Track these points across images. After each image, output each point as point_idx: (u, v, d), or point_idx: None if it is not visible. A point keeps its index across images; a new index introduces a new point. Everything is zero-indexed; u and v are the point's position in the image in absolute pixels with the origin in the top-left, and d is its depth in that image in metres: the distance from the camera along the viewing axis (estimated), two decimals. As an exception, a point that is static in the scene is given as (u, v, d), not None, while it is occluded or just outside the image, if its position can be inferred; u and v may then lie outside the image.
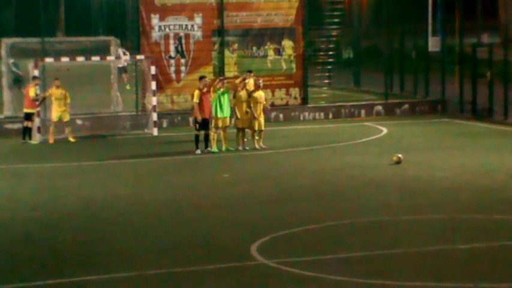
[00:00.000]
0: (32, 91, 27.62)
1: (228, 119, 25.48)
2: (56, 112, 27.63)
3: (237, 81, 26.74)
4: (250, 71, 27.40)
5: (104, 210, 18.66)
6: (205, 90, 25.16)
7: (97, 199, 19.78)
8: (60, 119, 27.68)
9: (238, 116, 25.44)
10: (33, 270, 14.41)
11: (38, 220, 17.90)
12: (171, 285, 13.57)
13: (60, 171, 23.69)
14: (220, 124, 25.28)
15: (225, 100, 25.30)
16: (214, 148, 25.35)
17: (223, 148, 25.52)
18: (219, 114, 25.18)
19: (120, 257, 15.01)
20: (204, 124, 25.01)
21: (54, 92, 27.67)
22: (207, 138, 25.13)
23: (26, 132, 27.75)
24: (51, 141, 27.65)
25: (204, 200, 19.59)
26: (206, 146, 25.12)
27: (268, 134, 26.65)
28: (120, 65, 32.75)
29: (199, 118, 24.87)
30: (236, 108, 25.40)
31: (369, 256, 14.75)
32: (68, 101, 27.77)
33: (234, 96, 25.59)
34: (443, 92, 33.89)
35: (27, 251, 15.60)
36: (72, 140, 27.75)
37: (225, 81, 26.16)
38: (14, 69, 32.29)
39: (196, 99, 25.05)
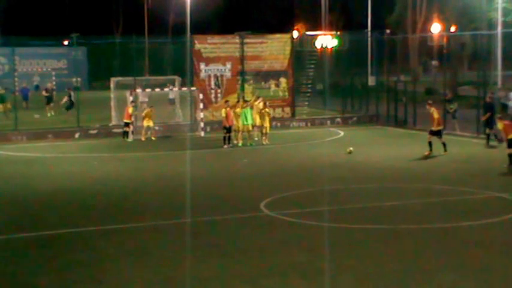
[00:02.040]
0: (130, 109, 27.61)
1: (250, 125, 25.42)
2: (147, 122, 27.69)
3: (252, 101, 26.78)
4: (259, 97, 27.45)
5: (171, 181, 18.65)
6: (228, 109, 25.22)
7: (167, 174, 19.80)
8: (148, 126, 27.73)
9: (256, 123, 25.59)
10: (129, 217, 14.41)
11: (130, 186, 17.98)
12: (211, 227, 13.51)
13: (145, 157, 23.72)
14: (246, 129, 25.33)
15: (249, 114, 25.38)
16: (240, 143, 25.36)
17: (248, 143, 25.40)
18: (245, 123, 25.28)
19: (178, 209, 14.85)
20: (228, 129, 25.06)
21: (148, 112, 27.75)
22: (229, 138, 25.05)
23: (125, 134, 27.78)
24: (143, 139, 27.65)
25: (231, 174, 19.53)
26: (229, 143, 25.02)
27: (271, 135, 26.67)
28: (171, 97, 32.94)
29: (226, 125, 24.98)
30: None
31: (332, 210, 14.61)
32: (153, 116, 27.88)
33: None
34: (377, 109, 33.74)
35: (122, 205, 15.63)
36: (153, 138, 27.70)
37: (248, 103, 26.24)
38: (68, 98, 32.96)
39: (223, 114, 25.20)
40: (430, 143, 21.90)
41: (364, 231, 13.04)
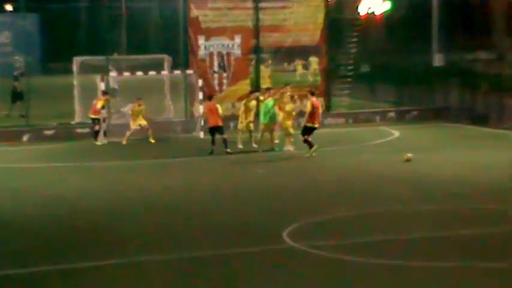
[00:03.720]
0: (100, 103, 27.75)
1: (272, 123, 25.43)
2: (138, 121, 27.77)
3: (281, 91, 26.65)
4: (287, 84, 27.36)
5: (158, 200, 18.71)
6: (209, 104, 25.54)
7: (153, 191, 19.84)
8: (140, 125, 27.88)
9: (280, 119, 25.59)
10: (100, 252, 14.46)
11: (102, 209, 18.00)
12: (215, 264, 13.55)
13: (123, 168, 23.77)
14: (267, 129, 25.38)
15: (271, 108, 25.30)
16: (259, 148, 25.43)
17: (271, 148, 25.46)
18: (265, 120, 25.22)
19: (170, 241, 15.00)
20: (215, 129, 24.98)
21: (136, 108, 27.84)
22: (225, 141, 24.91)
23: (95, 134, 27.85)
24: (124, 142, 27.71)
25: (241, 192, 19.58)
26: (226, 147, 24.92)
27: (298, 137, 26.61)
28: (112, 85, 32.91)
29: (217, 124, 24.95)
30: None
31: (383, 241, 14.65)
32: (144, 112, 28.07)
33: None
34: (446, 100, 33.62)
35: (90, 235, 15.68)
36: (153, 141, 27.85)
37: (271, 92, 26.13)
38: None
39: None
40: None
41: (429, 270, 12.93)
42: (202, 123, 29.24)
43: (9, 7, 63.78)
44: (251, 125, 26.09)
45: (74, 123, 30.51)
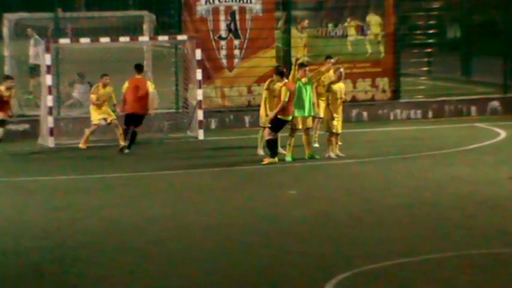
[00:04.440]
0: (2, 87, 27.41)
1: (310, 119, 25.55)
2: (98, 114, 27.84)
3: (323, 68, 26.70)
4: (329, 57, 27.35)
5: (134, 237, 18.78)
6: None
7: (125, 222, 19.92)
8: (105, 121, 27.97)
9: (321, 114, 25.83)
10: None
11: (47, 248, 18.06)
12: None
13: (80, 185, 23.91)
14: (300, 125, 25.43)
15: (307, 95, 25.30)
16: (289, 157, 25.47)
17: (307, 156, 25.59)
18: (300, 113, 25.25)
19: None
20: None
21: (101, 91, 27.89)
22: None
23: None
24: (82, 146, 27.94)
25: (263, 224, 19.63)
26: None
27: (348, 139, 26.59)
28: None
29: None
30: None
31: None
32: (114, 101, 28.20)
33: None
34: None
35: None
36: (123, 143, 27.82)
37: (307, 68, 26.08)
38: None
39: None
40: None
41: None
42: (201, 116, 29.31)
43: None
44: None
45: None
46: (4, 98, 27.22)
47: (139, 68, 27.11)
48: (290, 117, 24.87)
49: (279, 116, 24.73)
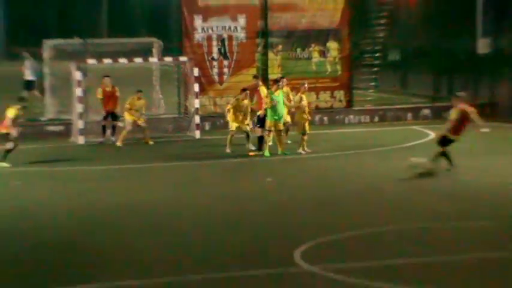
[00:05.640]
0: (12, 112, 24.22)
1: (281, 123, 25.27)
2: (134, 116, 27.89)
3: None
4: (282, 77, 26.98)
5: (146, 214, 18.73)
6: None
7: (139, 203, 19.86)
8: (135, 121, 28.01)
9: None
10: (73, 275, 14.49)
11: (76, 224, 18.04)
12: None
13: (102, 173, 23.86)
14: (277, 127, 25.24)
15: (280, 103, 25.19)
16: (266, 152, 25.36)
17: (279, 152, 25.39)
18: (275, 118, 25.05)
19: (160, 263, 15.02)
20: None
21: (136, 102, 27.90)
22: None
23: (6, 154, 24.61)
24: (119, 144, 27.88)
25: (245, 205, 19.57)
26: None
27: (312, 138, 26.59)
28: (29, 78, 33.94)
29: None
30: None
31: (415, 263, 14.65)
32: (143, 111, 28.36)
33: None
34: (494, 94, 33.57)
35: (67, 256, 15.72)
36: (151, 143, 27.88)
37: (281, 84, 25.71)
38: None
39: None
40: None
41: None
42: (197, 120, 29.28)
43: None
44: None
45: (44, 120, 30.58)
46: None
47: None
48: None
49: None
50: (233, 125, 25.90)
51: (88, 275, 14.33)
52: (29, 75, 34.51)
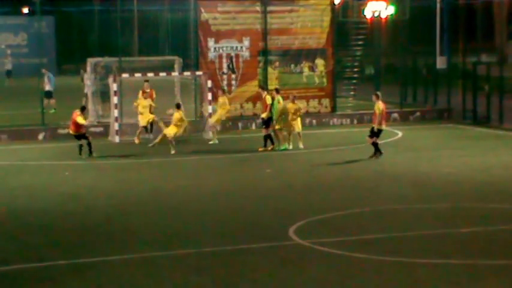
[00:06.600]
0: (80, 119, 24.89)
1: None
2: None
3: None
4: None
5: (169, 198, 18.78)
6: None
7: (164, 189, 19.91)
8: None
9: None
10: (111, 248, 14.54)
11: (113, 205, 18.09)
12: (222, 260, 13.61)
13: (134, 165, 23.87)
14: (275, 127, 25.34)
15: (275, 109, 25.32)
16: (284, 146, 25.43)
17: (276, 148, 25.40)
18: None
19: (180, 237, 15.09)
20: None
21: (177, 116, 27.70)
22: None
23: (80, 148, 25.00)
24: (137, 141, 27.70)
25: (248, 191, 19.60)
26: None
27: (304, 137, 26.61)
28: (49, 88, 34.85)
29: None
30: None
31: (387, 238, 14.70)
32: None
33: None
34: (449, 102, 33.61)
35: (101, 230, 15.77)
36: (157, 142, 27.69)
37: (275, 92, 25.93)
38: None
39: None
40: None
41: (430, 267, 12.97)
42: (210, 123, 29.26)
43: (25, 10, 64.05)
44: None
45: (88, 123, 30.56)
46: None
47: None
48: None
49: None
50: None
51: (122, 248, 14.41)
52: (48, 87, 34.88)
